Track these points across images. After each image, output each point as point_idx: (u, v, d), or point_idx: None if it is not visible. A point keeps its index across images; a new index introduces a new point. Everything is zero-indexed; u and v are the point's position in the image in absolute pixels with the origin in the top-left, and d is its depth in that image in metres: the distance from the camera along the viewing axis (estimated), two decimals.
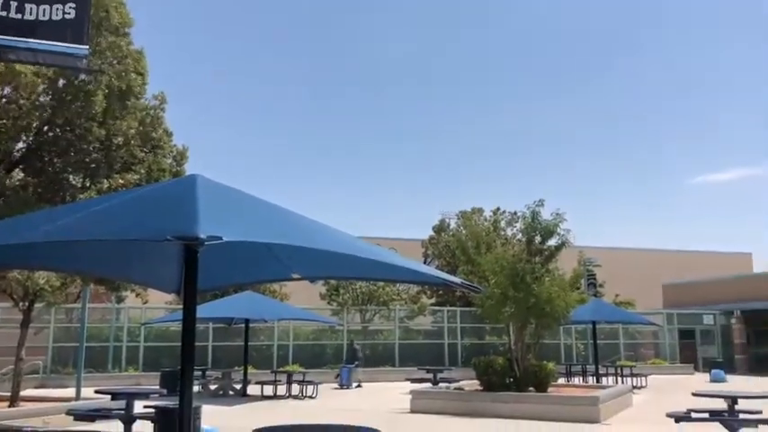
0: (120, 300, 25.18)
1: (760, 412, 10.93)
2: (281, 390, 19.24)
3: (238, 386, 19.67)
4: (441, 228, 34.21)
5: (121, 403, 10.62)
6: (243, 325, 20.30)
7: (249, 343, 20.39)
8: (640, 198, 78.73)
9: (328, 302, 30.02)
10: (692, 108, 75.81)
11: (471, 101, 75.38)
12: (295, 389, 19.22)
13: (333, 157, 75.26)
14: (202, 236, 3.29)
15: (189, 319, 4.22)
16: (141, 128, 16.50)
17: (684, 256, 46.18)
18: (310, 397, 18.82)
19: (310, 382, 19.28)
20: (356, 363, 23.42)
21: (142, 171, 16.24)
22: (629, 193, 78.42)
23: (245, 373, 19.78)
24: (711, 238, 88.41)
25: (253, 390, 19.31)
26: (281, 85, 71.95)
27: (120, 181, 15.53)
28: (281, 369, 21.84)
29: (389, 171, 76.22)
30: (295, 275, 5.52)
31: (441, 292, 31.54)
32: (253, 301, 19.37)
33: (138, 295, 23.65)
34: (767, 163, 77.26)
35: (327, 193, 73.98)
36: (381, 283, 29.55)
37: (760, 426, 10.62)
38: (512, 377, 15.25)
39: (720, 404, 11.15)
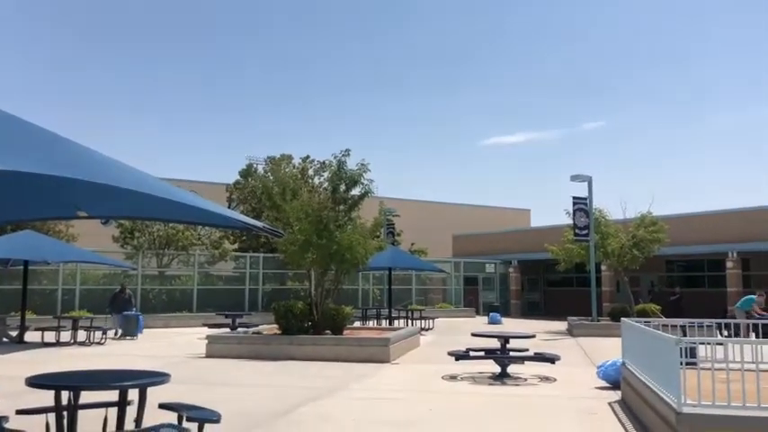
0: None
1: (527, 350, 12.32)
2: (66, 336, 17.97)
3: (14, 332, 18.05)
4: (248, 173, 33.53)
5: None
6: (21, 267, 18.57)
7: (29, 286, 18.77)
8: (439, 155, 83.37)
9: (122, 246, 28.35)
10: (490, 75, 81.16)
11: (293, 41, 74.03)
12: (81, 335, 18.06)
13: (130, 85, 70.13)
14: None
15: None
16: None
17: (473, 210, 49.99)
18: (98, 343, 17.81)
19: (98, 328, 18.23)
20: (133, 309, 21.89)
21: None
22: (430, 150, 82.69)
23: (23, 319, 18.20)
24: (498, 195, 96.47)
25: (32, 336, 17.83)
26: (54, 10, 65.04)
27: None
28: (66, 315, 20.34)
29: (195, 110, 72.87)
30: (81, 214, 5.06)
31: (244, 237, 31.14)
32: (33, 240, 17.68)
33: None
34: (550, 129, 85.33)
35: (125, 128, 69.06)
36: (181, 227, 28.48)
37: (526, 362, 12.00)
38: (310, 321, 15.62)
39: (495, 343, 12.39)
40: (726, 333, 12.08)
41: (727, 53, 78.04)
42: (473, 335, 13.55)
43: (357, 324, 21.15)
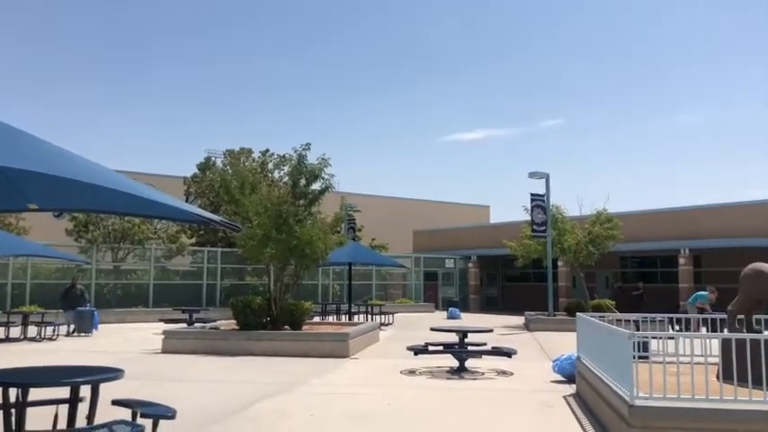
0: None
1: (485, 344, 12.45)
2: (15, 332, 17.49)
3: None
4: (206, 166, 33.06)
5: None
6: None
7: None
8: (400, 152, 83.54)
9: (76, 239, 27.69)
10: (450, 72, 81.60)
11: (252, 35, 73.21)
12: (32, 331, 17.60)
13: (85, 75, 68.48)
14: None
15: None
16: None
17: (434, 206, 50.26)
18: (50, 339, 17.38)
19: (50, 324, 17.79)
20: (87, 305, 21.30)
21: None
22: (391, 146, 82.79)
23: None
24: (457, 191, 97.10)
25: None
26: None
27: None
28: (16, 310, 19.79)
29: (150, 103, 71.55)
30: (32, 206, 4.91)
31: (202, 232, 30.74)
32: None
33: None
34: (509, 126, 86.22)
35: (87, 119, 67.44)
36: (137, 221, 27.96)
37: (484, 356, 12.13)
38: (269, 316, 15.50)
39: (453, 338, 12.50)
40: (677, 327, 12.41)
41: (686, 51, 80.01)
42: (432, 330, 13.66)
43: (317, 319, 21.10)
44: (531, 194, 24.10)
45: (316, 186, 16.52)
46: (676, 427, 5.85)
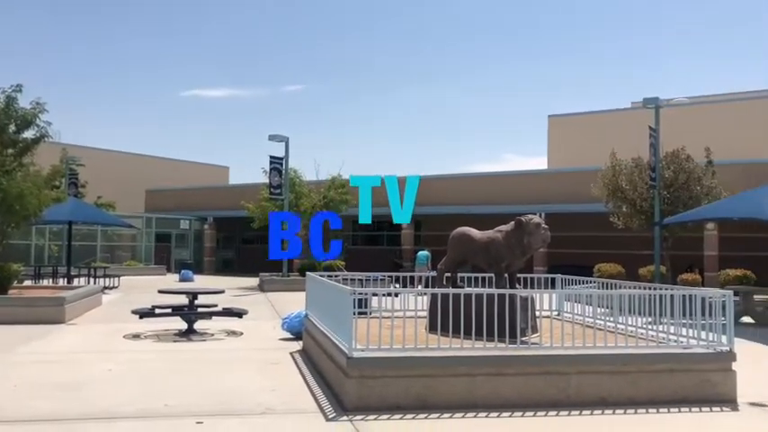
0: None
1: (215, 306, 12.28)
2: None
3: None
4: None
5: None
6: None
7: None
8: (135, 104, 78.03)
9: None
10: (192, 26, 77.92)
11: None
12: None
13: None
14: None
15: None
16: None
17: (169, 164, 47.83)
18: None
19: None
20: None
21: None
22: (125, 97, 76.91)
23: None
24: (196, 149, 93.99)
25: None
26: None
27: None
28: None
29: None
30: None
31: None
32: None
33: None
34: (252, 87, 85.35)
35: None
36: None
37: (214, 317, 11.97)
38: None
39: (183, 300, 12.12)
40: (398, 285, 13.47)
41: (412, 35, 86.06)
42: (160, 292, 13.12)
43: (28, 283, 19.05)
44: (270, 157, 24.20)
45: (28, 134, 14.71)
46: (390, 375, 6.36)
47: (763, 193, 14.18)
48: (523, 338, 7.18)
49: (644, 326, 7.49)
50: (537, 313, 8.47)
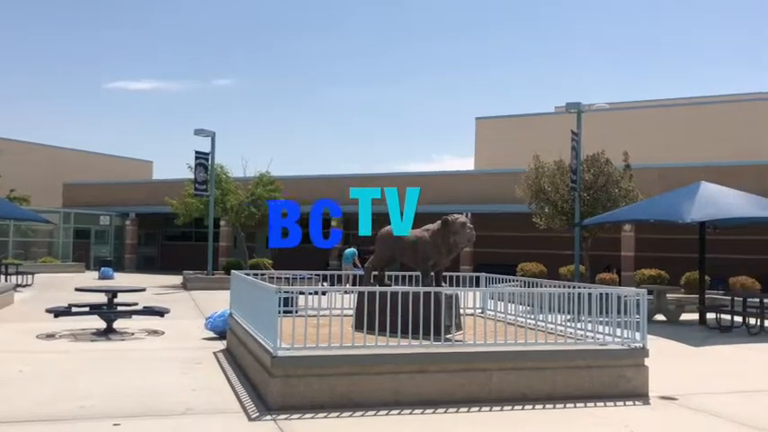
0: None
1: (136, 304, 11.90)
2: None
3: None
4: None
5: None
6: None
7: None
8: (56, 94, 74.76)
9: None
10: (117, 18, 75.24)
11: None
12: None
13: None
14: None
15: None
16: None
17: (89, 157, 45.99)
18: None
19: None
20: None
21: None
22: (45, 87, 73.54)
23: None
24: (119, 143, 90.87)
25: None
26: None
27: None
28: None
29: None
30: None
31: None
32: None
33: None
34: (179, 80, 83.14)
35: None
36: None
37: (135, 316, 11.60)
38: None
39: (102, 298, 11.69)
40: (326, 283, 13.40)
41: (339, 34, 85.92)
42: (77, 290, 12.64)
43: None
44: (196, 152, 23.63)
45: None
46: (315, 374, 6.32)
47: (677, 196, 14.84)
48: (447, 336, 7.28)
49: (564, 323, 7.73)
50: (461, 311, 8.61)
